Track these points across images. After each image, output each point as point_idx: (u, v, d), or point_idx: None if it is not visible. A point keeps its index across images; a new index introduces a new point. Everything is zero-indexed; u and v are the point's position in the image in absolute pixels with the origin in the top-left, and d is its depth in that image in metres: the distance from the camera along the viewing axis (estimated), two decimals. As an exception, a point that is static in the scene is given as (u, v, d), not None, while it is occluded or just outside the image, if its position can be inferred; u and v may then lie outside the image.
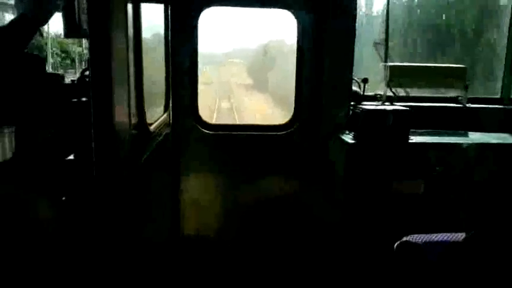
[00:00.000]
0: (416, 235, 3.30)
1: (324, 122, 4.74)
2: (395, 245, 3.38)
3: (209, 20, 4.82)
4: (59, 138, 2.72)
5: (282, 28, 5.25)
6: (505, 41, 5.33)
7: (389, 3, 5.20)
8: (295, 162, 4.93)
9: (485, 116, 5.07)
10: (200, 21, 4.68)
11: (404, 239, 3.29)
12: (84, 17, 2.59)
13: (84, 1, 2.52)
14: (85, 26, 2.48)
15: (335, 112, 4.69)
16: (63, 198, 2.56)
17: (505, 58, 5.36)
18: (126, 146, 2.43)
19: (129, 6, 2.47)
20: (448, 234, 3.16)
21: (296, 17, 4.75)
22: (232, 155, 4.91)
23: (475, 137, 4.61)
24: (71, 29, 2.64)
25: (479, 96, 5.38)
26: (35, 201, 2.47)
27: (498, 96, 5.45)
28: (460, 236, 3.10)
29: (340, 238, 4.40)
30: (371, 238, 4.24)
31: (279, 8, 4.86)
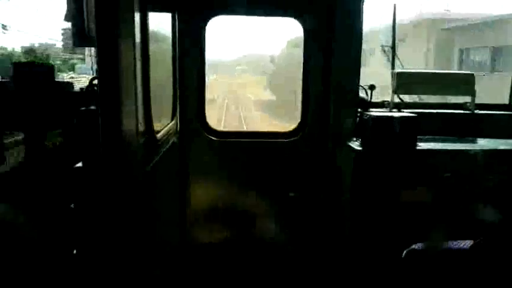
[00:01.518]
0: (424, 243, 3.28)
1: (331, 129, 4.74)
2: (404, 252, 3.36)
3: (217, 28, 4.87)
4: (68, 146, 2.75)
5: (289, 36, 5.28)
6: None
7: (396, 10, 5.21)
8: (302, 169, 4.93)
9: (493, 122, 5.03)
10: (208, 29, 4.73)
11: (413, 246, 3.27)
12: (92, 26, 2.63)
13: (93, 10, 2.56)
14: (93, 35, 2.51)
15: (342, 119, 4.68)
16: (72, 205, 2.58)
17: None
18: (134, 153, 2.45)
19: (137, 15, 2.50)
20: (456, 241, 3.13)
21: (303, 26, 4.77)
22: (240, 161, 4.92)
23: (483, 143, 4.58)
24: (80, 38, 2.68)
25: (487, 103, 5.35)
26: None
27: (507, 102, 5.41)
28: (468, 243, 3.07)
29: (348, 246, 4.38)
30: (379, 246, 4.21)
31: (286, 16, 4.89)
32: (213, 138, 4.87)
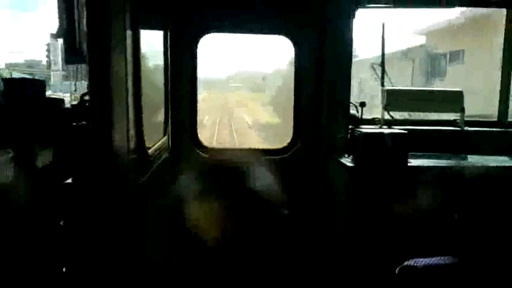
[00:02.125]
0: (417, 259, 3.26)
1: (323, 146, 4.76)
2: (397, 269, 3.34)
3: (209, 45, 4.91)
4: (58, 162, 2.72)
5: (281, 53, 5.32)
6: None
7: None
8: (294, 185, 4.92)
9: (482, 139, 5.08)
10: (200, 46, 4.76)
11: (406, 263, 3.25)
12: (84, 43, 2.63)
13: (85, 27, 2.57)
14: (85, 52, 2.52)
15: (334, 135, 4.71)
16: (61, 222, 2.54)
17: (501, 83, 5.42)
18: (125, 169, 2.44)
19: (129, 32, 2.52)
20: (450, 257, 3.13)
21: (294, 43, 4.83)
22: (232, 178, 4.90)
23: (473, 160, 4.62)
24: (72, 55, 2.68)
25: (477, 120, 5.41)
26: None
27: (495, 119, 5.48)
28: (461, 259, 3.06)
29: (342, 262, 4.35)
30: (372, 262, 4.19)
31: (277, 34, 4.95)
32: (205, 155, 4.86)
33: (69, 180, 2.58)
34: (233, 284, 4.90)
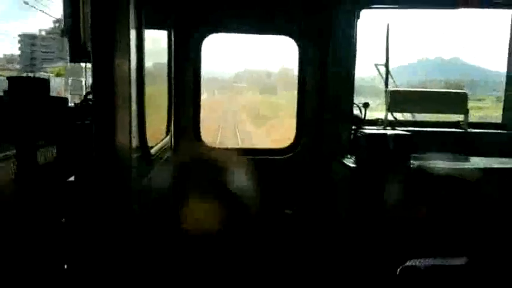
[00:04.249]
0: (419, 260, 3.26)
1: (326, 146, 4.75)
2: (399, 269, 3.34)
3: (214, 45, 4.92)
4: (61, 160, 2.74)
5: (285, 54, 5.32)
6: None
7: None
8: (297, 185, 4.92)
9: (486, 140, 5.06)
10: (204, 47, 4.77)
11: (408, 263, 3.25)
12: (89, 42, 2.65)
13: (89, 26, 2.58)
14: (90, 50, 2.54)
15: (337, 136, 4.70)
16: (63, 219, 2.56)
17: (505, 86, 5.40)
18: (127, 168, 2.45)
19: (133, 32, 2.53)
20: (450, 258, 3.13)
21: (297, 43, 4.83)
22: (235, 178, 4.91)
23: (476, 161, 4.60)
24: (76, 53, 2.70)
25: (481, 121, 5.39)
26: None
27: (500, 121, 5.46)
28: (462, 260, 3.06)
29: (344, 262, 4.35)
30: (374, 262, 4.19)
31: (281, 35, 4.95)
32: (208, 154, 4.87)
33: (72, 178, 2.60)
34: (237, 282, 4.90)
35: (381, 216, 4.21)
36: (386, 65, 5.25)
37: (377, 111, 5.19)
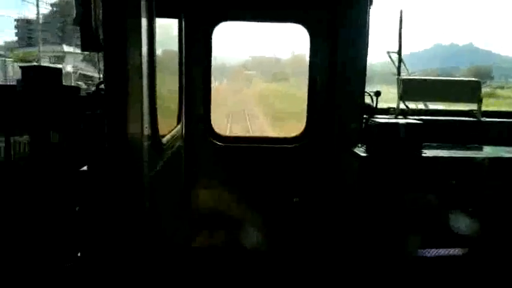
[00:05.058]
0: (429, 249, 3.26)
1: (337, 135, 4.73)
2: (410, 258, 3.35)
3: (224, 33, 4.89)
4: (73, 149, 2.77)
5: (296, 42, 5.26)
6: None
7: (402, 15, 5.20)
8: (307, 174, 4.92)
9: (499, 129, 5.00)
10: (214, 35, 4.76)
11: (418, 252, 3.25)
12: (100, 31, 2.65)
13: (101, 15, 2.58)
14: (101, 40, 2.54)
15: (347, 125, 4.68)
16: (77, 208, 2.60)
17: None
18: (139, 157, 2.46)
19: (144, 21, 2.53)
20: (460, 248, 3.12)
21: (308, 31, 4.78)
22: (245, 166, 4.92)
23: (489, 150, 4.55)
24: (88, 43, 2.71)
25: (494, 110, 5.32)
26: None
27: None
28: (471, 249, 3.06)
29: (353, 251, 4.36)
30: (384, 251, 4.19)
31: (292, 22, 4.90)
32: (218, 143, 4.89)
33: (85, 168, 2.63)
34: (245, 269, 4.95)
35: (391, 205, 4.20)
36: (399, 53, 5.19)
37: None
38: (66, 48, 44.74)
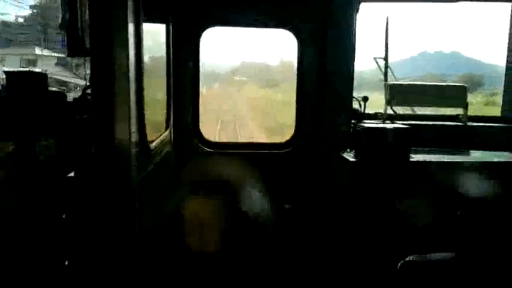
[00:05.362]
0: (419, 255, 3.27)
1: (325, 140, 4.74)
2: (399, 264, 3.35)
3: (213, 39, 4.88)
4: (60, 155, 2.73)
5: (285, 47, 5.28)
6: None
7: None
8: (296, 180, 4.92)
9: (485, 134, 5.06)
10: (202, 40, 4.75)
11: (408, 258, 3.26)
12: (87, 36, 2.63)
13: (87, 20, 2.56)
14: (88, 45, 2.51)
15: (336, 130, 4.69)
16: (63, 215, 2.56)
17: (504, 79, 5.40)
18: (127, 163, 2.44)
19: (131, 26, 2.51)
20: (449, 253, 3.13)
21: (297, 38, 4.80)
22: (235, 173, 4.90)
23: (476, 155, 4.60)
24: (74, 48, 2.68)
25: (479, 115, 5.39)
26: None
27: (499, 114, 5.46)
28: (461, 255, 3.07)
29: (344, 256, 4.36)
30: (374, 257, 4.20)
31: (280, 28, 4.92)
32: (207, 148, 4.86)
33: (72, 174, 2.59)
34: (237, 276, 4.91)
35: (381, 210, 4.22)
36: (386, 59, 5.24)
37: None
38: (37, 51, 41.29)
